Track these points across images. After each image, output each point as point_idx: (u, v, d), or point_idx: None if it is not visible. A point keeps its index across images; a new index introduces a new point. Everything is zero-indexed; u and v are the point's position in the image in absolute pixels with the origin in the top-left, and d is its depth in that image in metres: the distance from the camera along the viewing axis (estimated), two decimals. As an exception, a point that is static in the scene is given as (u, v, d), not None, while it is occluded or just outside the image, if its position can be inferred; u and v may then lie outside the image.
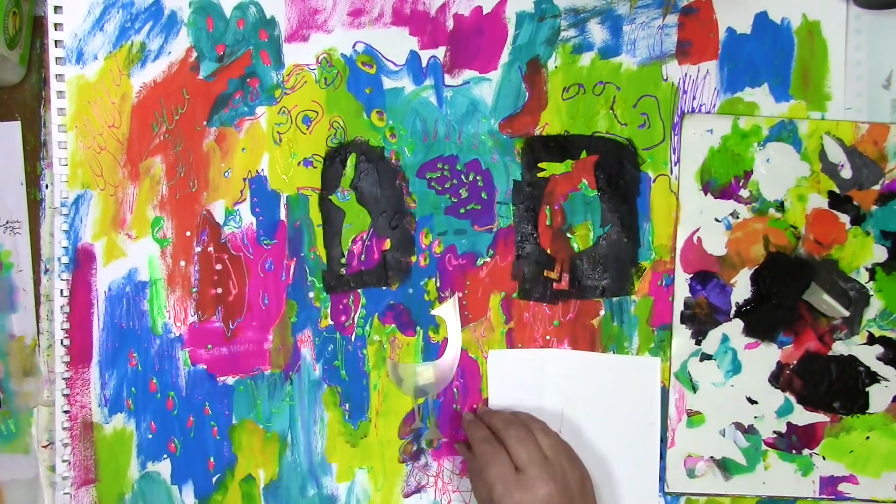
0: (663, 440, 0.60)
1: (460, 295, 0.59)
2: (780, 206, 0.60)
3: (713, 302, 0.60)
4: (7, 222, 0.59)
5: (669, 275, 0.60)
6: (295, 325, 0.58)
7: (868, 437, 0.60)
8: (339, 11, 0.59)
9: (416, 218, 0.59)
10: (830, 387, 0.60)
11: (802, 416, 0.60)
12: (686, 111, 0.60)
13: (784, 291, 0.60)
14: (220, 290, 0.58)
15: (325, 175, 0.59)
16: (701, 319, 0.60)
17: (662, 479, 0.60)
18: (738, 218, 0.60)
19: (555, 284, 0.60)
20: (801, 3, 0.60)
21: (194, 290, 0.58)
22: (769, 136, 0.60)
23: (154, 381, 0.58)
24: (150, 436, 0.58)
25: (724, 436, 0.60)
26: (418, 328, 0.59)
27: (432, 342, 0.59)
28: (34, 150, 0.59)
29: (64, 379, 0.57)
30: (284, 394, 0.58)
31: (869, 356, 0.60)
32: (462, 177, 0.60)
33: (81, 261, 0.57)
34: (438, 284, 0.59)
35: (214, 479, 0.58)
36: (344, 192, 0.59)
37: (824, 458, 0.60)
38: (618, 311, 0.60)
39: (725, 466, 0.60)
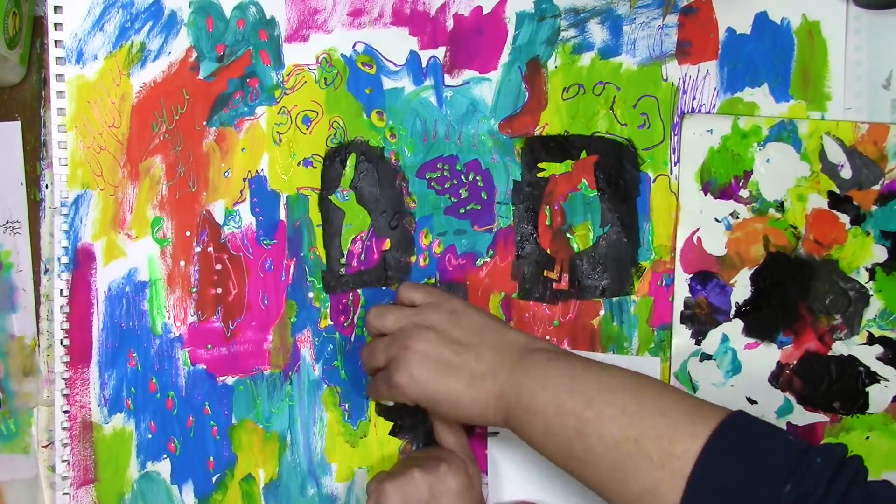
0: (663, 440, 0.60)
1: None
2: (780, 206, 0.60)
3: (713, 302, 0.60)
4: (7, 222, 0.59)
5: (669, 275, 0.60)
6: (294, 325, 0.58)
7: (868, 437, 0.60)
8: (339, 11, 0.59)
9: (416, 218, 0.59)
10: (830, 387, 0.60)
11: (802, 416, 0.60)
12: (686, 111, 0.60)
13: (784, 291, 0.60)
14: (219, 290, 0.58)
15: (324, 175, 0.59)
16: (701, 319, 0.60)
17: (662, 479, 0.60)
18: (738, 218, 0.60)
19: (555, 284, 0.60)
20: (801, 3, 0.60)
21: (194, 290, 0.58)
22: (769, 136, 0.60)
23: (154, 380, 0.58)
24: (150, 436, 0.58)
25: (723, 436, 0.60)
26: (418, 328, 0.59)
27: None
28: (34, 150, 0.59)
29: (63, 379, 0.57)
30: (284, 394, 0.58)
31: (869, 356, 0.60)
32: (462, 177, 0.60)
33: (81, 261, 0.57)
34: (438, 284, 0.59)
35: (214, 479, 0.58)
36: (344, 193, 0.59)
37: (824, 459, 0.60)
38: (618, 311, 0.60)
39: (725, 466, 0.60)
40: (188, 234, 0.58)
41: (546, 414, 0.47)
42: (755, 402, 0.60)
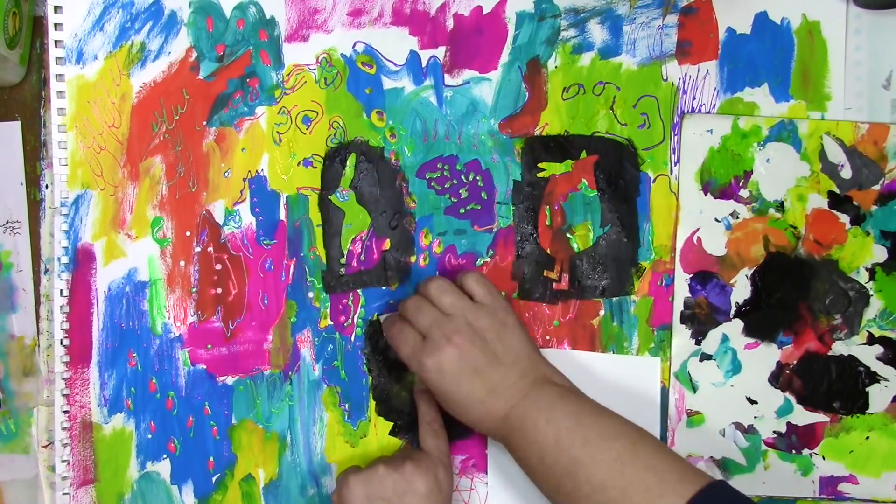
0: (663, 440, 0.60)
1: None
2: (780, 206, 0.60)
3: (713, 302, 0.60)
4: (7, 222, 0.59)
5: (669, 275, 0.60)
6: (294, 325, 0.58)
7: (868, 437, 0.60)
8: (339, 11, 0.59)
9: (416, 218, 0.59)
10: (830, 387, 0.60)
11: (802, 416, 0.60)
12: (686, 111, 0.60)
13: (784, 291, 0.60)
14: (219, 290, 0.58)
15: (324, 175, 0.59)
16: (701, 319, 0.60)
17: (662, 479, 0.60)
18: (737, 218, 0.60)
19: (555, 284, 0.60)
20: (801, 3, 0.60)
21: (194, 290, 0.58)
22: (769, 136, 0.60)
23: (153, 381, 0.58)
24: (150, 436, 0.58)
25: (724, 436, 0.60)
26: (418, 328, 0.59)
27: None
28: (34, 150, 0.59)
29: (63, 379, 0.57)
30: (284, 394, 0.58)
31: (869, 356, 0.60)
32: (462, 177, 0.60)
33: (81, 261, 0.57)
34: (438, 284, 0.59)
35: (214, 479, 0.58)
36: (344, 192, 0.59)
37: (824, 458, 0.60)
38: (618, 311, 0.60)
39: (725, 466, 0.60)
40: (188, 234, 0.58)
41: (543, 446, 0.49)
42: (755, 402, 0.60)
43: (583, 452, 0.48)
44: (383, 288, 0.59)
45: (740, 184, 0.60)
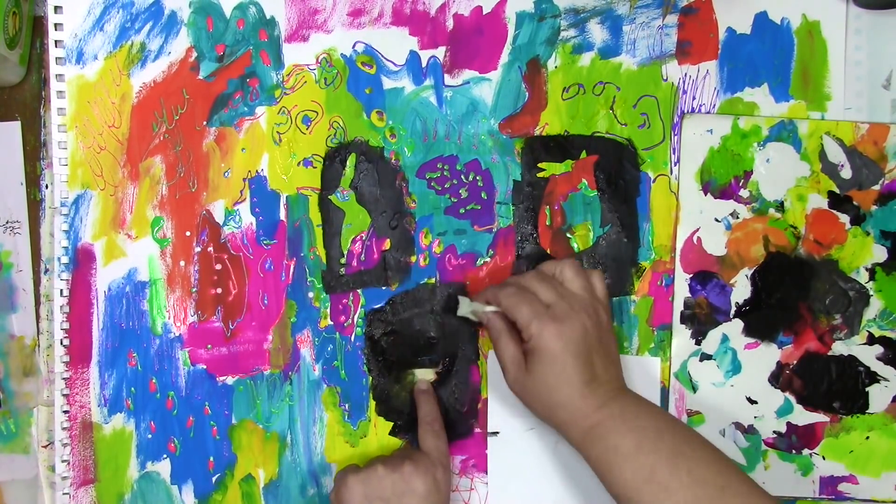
0: (663, 440, 0.60)
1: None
2: (780, 206, 0.60)
3: (713, 302, 0.60)
4: (7, 222, 0.59)
5: (669, 275, 0.60)
6: (294, 326, 0.58)
7: (868, 437, 0.60)
8: (339, 11, 0.59)
9: (416, 218, 0.59)
10: (830, 387, 0.60)
11: (802, 416, 0.60)
12: (686, 111, 0.60)
13: (784, 291, 0.60)
14: (219, 290, 0.58)
15: (324, 175, 0.59)
16: (701, 319, 0.60)
17: (662, 479, 0.60)
18: (737, 218, 0.60)
19: (555, 284, 0.60)
20: (801, 3, 0.60)
21: (194, 290, 0.58)
22: (769, 136, 0.60)
23: (154, 380, 0.58)
24: (150, 436, 0.58)
25: (724, 436, 0.60)
26: (418, 328, 0.59)
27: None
28: (34, 150, 0.59)
29: (63, 379, 0.57)
30: (284, 394, 0.58)
31: (869, 356, 0.60)
32: (462, 177, 0.60)
33: (81, 261, 0.57)
34: (438, 285, 0.59)
35: (214, 479, 0.58)
36: (344, 192, 0.59)
37: (824, 458, 0.60)
38: (618, 311, 0.60)
39: (725, 466, 0.60)
40: (188, 234, 0.58)
41: (644, 433, 0.49)
42: (755, 402, 0.60)
43: (685, 446, 0.49)
44: (383, 288, 0.59)
45: (740, 184, 0.60)
